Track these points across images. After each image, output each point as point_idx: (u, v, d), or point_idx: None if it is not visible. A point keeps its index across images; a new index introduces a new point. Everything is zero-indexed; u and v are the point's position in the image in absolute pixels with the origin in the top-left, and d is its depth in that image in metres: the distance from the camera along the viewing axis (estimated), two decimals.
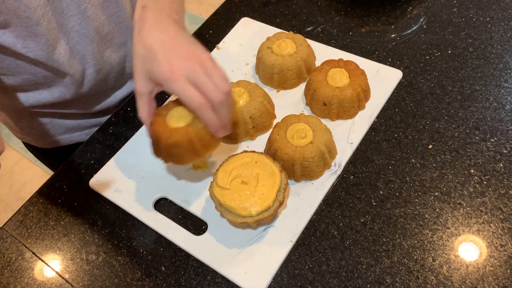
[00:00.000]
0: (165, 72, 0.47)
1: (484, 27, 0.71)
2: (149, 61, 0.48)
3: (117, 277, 0.54)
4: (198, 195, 0.58)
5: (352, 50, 0.71)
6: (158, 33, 0.49)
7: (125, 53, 0.70)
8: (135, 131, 0.67)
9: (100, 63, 0.67)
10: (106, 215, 0.59)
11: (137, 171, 0.62)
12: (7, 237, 0.60)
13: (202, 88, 0.47)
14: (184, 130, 0.50)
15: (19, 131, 0.77)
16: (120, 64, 0.71)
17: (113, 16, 0.65)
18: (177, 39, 0.49)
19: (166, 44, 0.48)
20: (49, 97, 0.67)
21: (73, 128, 0.76)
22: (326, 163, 0.57)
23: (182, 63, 0.47)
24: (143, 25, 0.50)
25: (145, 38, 0.49)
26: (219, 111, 0.48)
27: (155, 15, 0.51)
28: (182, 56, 0.47)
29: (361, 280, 0.50)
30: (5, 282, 0.56)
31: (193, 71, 0.47)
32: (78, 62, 0.64)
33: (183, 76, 0.46)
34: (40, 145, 0.79)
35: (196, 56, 0.48)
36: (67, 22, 0.60)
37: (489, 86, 0.64)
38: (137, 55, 0.50)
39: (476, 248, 0.50)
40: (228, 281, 0.52)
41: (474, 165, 0.57)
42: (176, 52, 0.48)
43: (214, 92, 0.47)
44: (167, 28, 0.50)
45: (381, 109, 0.64)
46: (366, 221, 0.54)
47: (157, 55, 0.47)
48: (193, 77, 0.47)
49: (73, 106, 0.72)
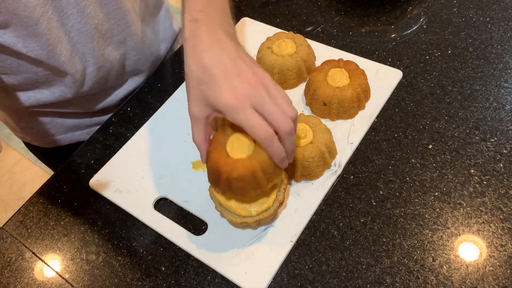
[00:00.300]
0: (229, 101, 0.42)
1: (484, 27, 0.71)
2: (209, 86, 0.44)
3: (117, 277, 0.54)
4: (198, 195, 0.58)
5: (352, 50, 0.71)
6: (217, 53, 0.45)
7: (125, 51, 0.70)
8: (135, 131, 0.67)
9: (101, 61, 0.67)
10: (106, 215, 0.59)
11: (137, 171, 0.62)
12: (7, 237, 0.60)
13: (270, 116, 0.43)
14: (248, 163, 0.46)
15: (19, 130, 0.77)
16: (121, 62, 0.71)
17: (112, 14, 0.64)
18: (238, 59, 0.45)
19: (228, 67, 0.44)
20: (50, 96, 0.67)
21: (74, 127, 0.76)
22: (326, 163, 0.57)
23: (247, 89, 0.43)
24: (197, 42, 0.46)
25: (202, 58, 0.45)
26: (286, 140, 0.45)
27: (209, 30, 0.47)
28: (246, 80, 0.43)
29: (361, 280, 0.50)
30: (5, 282, 0.56)
31: (259, 98, 0.43)
32: (79, 60, 0.64)
33: (249, 104, 0.43)
34: (41, 144, 0.79)
35: (259, 79, 0.44)
36: (66, 21, 0.60)
37: (489, 86, 0.64)
38: (192, 76, 0.46)
39: (476, 248, 0.50)
40: (228, 281, 0.52)
41: (474, 165, 0.57)
42: (240, 75, 0.44)
43: (282, 121, 0.43)
44: (226, 45, 0.46)
45: (381, 109, 0.64)
46: (366, 221, 0.54)
47: (219, 80, 0.43)
48: (260, 105, 0.43)
49: (74, 105, 0.72)
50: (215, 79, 0.44)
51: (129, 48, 0.70)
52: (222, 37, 0.46)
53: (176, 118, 0.67)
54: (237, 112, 0.43)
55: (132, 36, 0.69)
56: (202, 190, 0.58)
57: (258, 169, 0.46)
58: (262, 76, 0.45)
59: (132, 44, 0.70)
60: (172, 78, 0.74)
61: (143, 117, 0.69)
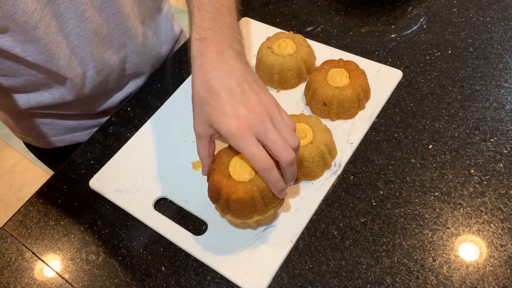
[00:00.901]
0: (232, 128, 0.43)
1: (484, 27, 0.71)
2: (213, 109, 0.44)
3: (117, 277, 0.54)
4: (198, 195, 0.58)
5: (352, 50, 0.71)
6: (224, 75, 0.45)
7: (125, 54, 0.70)
8: (135, 131, 0.67)
9: (100, 65, 0.67)
10: (106, 215, 0.59)
11: (137, 171, 0.62)
12: (7, 237, 0.60)
13: (271, 146, 0.43)
14: (248, 187, 0.47)
15: (19, 131, 0.77)
16: (120, 65, 0.70)
17: (111, 18, 0.64)
18: (245, 84, 0.45)
19: (234, 92, 0.44)
20: (50, 98, 0.67)
21: (73, 128, 0.76)
22: (326, 163, 0.57)
23: (251, 118, 0.43)
24: (205, 62, 0.46)
25: (209, 79, 0.45)
26: (287, 170, 0.45)
27: (217, 49, 0.46)
28: (251, 108, 0.43)
29: (361, 280, 0.50)
30: (5, 282, 0.56)
31: (262, 128, 0.43)
32: (78, 64, 0.64)
33: (252, 133, 0.43)
34: (41, 145, 0.79)
35: (264, 107, 0.44)
36: (65, 26, 0.60)
37: (489, 86, 0.64)
38: (198, 96, 0.46)
39: (476, 248, 0.50)
40: (228, 281, 0.52)
41: (474, 165, 0.57)
42: (245, 102, 0.44)
43: (284, 152, 0.43)
44: (233, 67, 0.46)
45: (381, 109, 0.64)
46: (366, 221, 0.54)
47: (224, 105, 0.43)
48: (262, 135, 0.43)
49: (74, 107, 0.72)
50: (220, 103, 0.44)
51: (129, 51, 0.70)
52: (230, 58, 0.46)
53: (176, 118, 0.67)
54: (239, 140, 0.43)
55: (132, 40, 0.69)
56: (202, 190, 0.58)
57: (258, 194, 0.48)
58: (267, 103, 0.45)
59: (132, 47, 0.70)
60: (172, 78, 0.74)
61: (143, 117, 0.69)
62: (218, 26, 0.49)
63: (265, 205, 0.49)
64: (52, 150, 0.79)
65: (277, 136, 0.44)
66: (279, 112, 0.45)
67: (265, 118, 0.44)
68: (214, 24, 0.49)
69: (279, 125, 0.45)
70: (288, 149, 0.44)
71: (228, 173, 0.49)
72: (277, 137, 0.44)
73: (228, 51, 0.47)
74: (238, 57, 0.47)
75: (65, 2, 0.58)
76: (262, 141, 0.44)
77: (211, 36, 0.48)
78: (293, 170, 0.46)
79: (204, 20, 0.49)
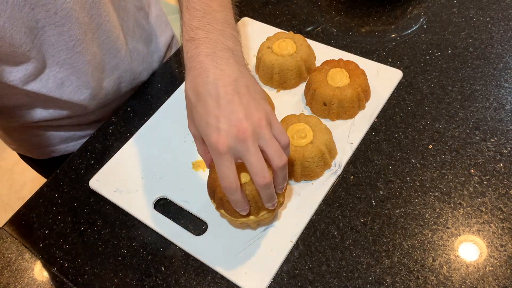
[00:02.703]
0: (212, 142, 0.42)
1: (484, 27, 0.71)
2: (199, 116, 0.43)
3: (117, 277, 0.54)
4: (198, 195, 0.58)
5: (352, 50, 0.71)
6: (212, 81, 0.43)
7: (119, 74, 0.68)
8: (135, 131, 0.67)
9: (96, 89, 0.65)
10: (106, 215, 0.59)
11: (137, 171, 0.62)
12: (7, 237, 0.60)
13: (248, 167, 0.43)
14: None
15: (12, 142, 0.76)
16: (115, 86, 0.69)
17: (103, 44, 0.62)
18: (234, 93, 0.42)
19: (221, 101, 0.42)
20: (44, 114, 0.66)
21: (68, 138, 0.75)
22: (326, 163, 0.57)
23: (232, 132, 0.41)
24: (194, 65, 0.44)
25: (196, 84, 0.43)
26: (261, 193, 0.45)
27: (207, 51, 0.44)
28: (234, 122, 0.41)
29: (361, 280, 0.50)
30: (5, 282, 0.56)
31: (242, 146, 0.41)
32: (72, 90, 0.63)
33: (228, 151, 0.42)
34: (35, 156, 0.77)
35: (252, 120, 0.42)
36: (59, 54, 0.58)
37: (489, 86, 0.64)
38: (187, 99, 0.45)
39: (476, 248, 0.50)
40: (228, 281, 0.52)
41: (474, 165, 0.57)
42: (230, 114, 0.42)
43: (257, 175, 0.42)
44: (224, 72, 0.43)
45: (381, 109, 0.64)
46: (366, 221, 0.54)
47: (208, 115, 0.42)
48: (240, 153, 0.42)
49: (68, 121, 0.71)
50: (205, 111, 0.43)
51: (122, 71, 0.69)
52: (222, 61, 0.44)
53: (176, 118, 0.67)
54: (215, 155, 0.43)
55: (123, 60, 0.67)
56: (202, 190, 0.58)
57: (250, 198, 0.48)
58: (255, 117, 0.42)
59: (125, 66, 0.68)
60: (172, 78, 0.74)
61: (143, 117, 0.69)
62: (209, 24, 0.46)
63: (258, 208, 0.49)
64: (46, 161, 0.78)
65: (254, 158, 0.42)
66: (268, 127, 0.43)
67: (248, 137, 0.41)
68: (203, 22, 0.46)
69: (265, 142, 0.43)
70: (264, 172, 0.42)
71: None
72: (254, 158, 0.42)
73: (220, 52, 0.45)
74: (232, 59, 0.45)
75: (54, 36, 0.56)
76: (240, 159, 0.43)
77: (200, 36, 0.45)
78: (269, 192, 0.45)
79: (193, 19, 0.47)
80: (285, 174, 0.46)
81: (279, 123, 0.45)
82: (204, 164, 0.61)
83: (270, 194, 0.46)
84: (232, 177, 0.43)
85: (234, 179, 0.43)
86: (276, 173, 0.45)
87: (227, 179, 0.43)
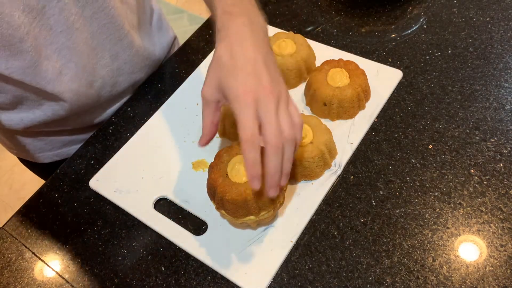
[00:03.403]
0: (238, 92, 0.43)
1: (484, 27, 0.71)
2: (228, 73, 0.44)
3: (117, 277, 0.54)
4: (198, 195, 0.58)
5: (352, 50, 0.71)
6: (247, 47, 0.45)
7: (118, 66, 0.68)
8: (135, 131, 0.67)
9: (92, 77, 0.65)
10: (106, 215, 0.59)
11: (137, 171, 0.62)
12: (7, 237, 0.60)
13: (264, 126, 0.42)
14: (243, 189, 0.48)
15: (13, 147, 0.76)
16: (113, 78, 0.68)
17: (103, 28, 0.62)
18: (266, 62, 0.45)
19: (255, 65, 0.44)
20: (42, 116, 0.65)
21: (70, 142, 0.75)
22: (326, 163, 0.57)
23: (260, 90, 0.43)
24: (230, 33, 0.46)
25: (232, 48, 0.45)
26: (269, 158, 0.43)
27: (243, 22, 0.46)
28: (264, 83, 0.43)
29: (361, 280, 0.50)
30: (5, 282, 0.56)
31: (266, 104, 0.42)
32: (69, 78, 0.62)
33: (254, 104, 0.42)
34: (36, 160, 0.77)
35: (277, 90, 0.44)
36: (56, 39, 0.58)
37: (489, 86, 0.64)
38: (217, 61, 0.46)
39: (476, 248, 0.50)
40: (228, 281, 0.52)
41: (474, 165, 0.57)
42: (260, 76, 0.44)
43: (271, 134, 0.42)
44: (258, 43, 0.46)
45: (381, 109, 0.64)
46: (366, 221, 0.54)
47: (239, 71, 0.44)
48: (263, 111, 0.42)
49: (70, 123, 0.70)
50: (235, 68, 0.44)
51: (122, 62, 0.68)
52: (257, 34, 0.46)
53: (176, 118, 0.67)
54: (239, 104, 0.43)
55: (125, 50, 0.67)
56: (202, 190, 0.58)
57: (251, 198, 0.48)
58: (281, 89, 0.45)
59: (125, 57, 0.68)
60: (172, 78, 0.74)
61: (143, 117, 0.69)
62: (241, 3, 0.48)
63: (258, 209, 0.49)
64: (47, 165, 0.77)
65: (274, 120, 0.42)
66: (286, 103, 0.45)
67: (272, 99, 0.43)
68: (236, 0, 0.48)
69: (281, 113, 0.43)
70: (278, 136, 0.42)
71: (225, 173, 0.50)
72: (273, 120, 0.42)
73: (255, 26, 0.47)
74: (263, 36, 0.47)
75: (54, 15, 0.56)
76: (259, 116, 0.43)
77: (236, 11, 0.47)
78: (276, 163, 0.43)
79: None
80: (290, 152, 0.45)
81: (295, 104, 0.46)
82: (204, 164, 0.61)
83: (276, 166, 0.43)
84: (255, 128, 0.42)
85: (256, 131, 0.42)
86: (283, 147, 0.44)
87: (249, 130, 0.42)
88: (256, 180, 0.43)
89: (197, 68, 0.73)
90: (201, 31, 0.80)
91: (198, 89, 0.70)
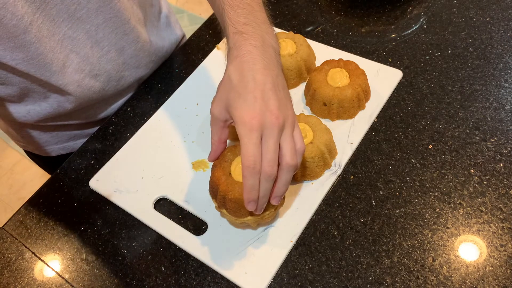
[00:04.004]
0: (245, 116, 0.44)
1: (484, 27, 0.71)
2: (236, 94, 0.45)
3: (117, 277, 0.54)
4: (198, 195, 0.58)
5: (352, 50, 0.71)
6: (258, 69, 0.46)
7: (124, 60, 0.68)
8: (135, 131, 0.67)
9: (96, 69, 0.65)
10: (106, 215, 0.59)
11: (137, 171, 0.62)
12: (7, 237, 0.60)
13: (264, 153, 0.44)
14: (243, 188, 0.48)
15: (20, 139, 0.76)
16: (119, 73, 0.69)
17: (108, 21, 0.63)
18: (275, 85, 0.46)
19: (263, 89, 0.45)
20: (48, 108, 0.66)
21: (75, 136, 0.75)
22: (326, 163, 0.57)
23: (267, 117, 0.44)
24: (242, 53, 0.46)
25: (243, 69, 0.46)
26: (260, 183, 0.45)
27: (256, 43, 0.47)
28: (270, 107, 0.44)
29: (361, 280, 0.50)
30: (5, 282, 0.56)
31: (270, 130, 0.44)
32: (73, 70, 0.62)
33: (259, 129, 0.44)
34: (43, 153, 0.78)
35: (284, 115, 0.45)
36: (58, 30, 0.58)
37: (489, 86, 0.64)
38: (227, 80, 0.47)
39: (476, 248, 0.50)
40: (228, 281, 0.52)
41: (474, 165, 0.57)
42: (268, 102, 0.44)
43: (268, 162, 0.44)
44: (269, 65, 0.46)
45: (381, 109, 0.64)
46: (366, 221, 0.54)
47: (248, 94, 0.44)
48: (265, 136, 0.44)
49: (75, 117, 0.71)
50: (245, 91, 0.45)
51: (128, 56, 0.69)
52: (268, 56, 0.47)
53: (176, 118, 0.67)
54: (244, 128, 0.44)
55: (130, 44, 0.67)
56: (202, 190, 0.58)
57: None
58: (287, 114, 0.46)
59: (131, 52, 0.68)
60: (172, 78, 0.74)
61: (143, 117, 0.69)
62: (254, 22, 0.49)
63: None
64: (53, 158, 0.78)
65: (272, 148, 0.44)
66: (292, 128, 0.46)
67: (276, 125, 0.44)
68: (249, 19, 0.49)
69: (285, 138, 0.45)
70: (274, 165, 0.44)
71: (228, 171, 0.50)
72: (272, 148, 0.44)
73: (267, 47, 0.47)
74: (274, 57, 0.48)
75: (57, 5, 0.56)
76: (262, 143, 0.44)
77: (249, 31, 0.48)
78: (267, 187, 0.45)
79: (239, 15, 0.49)
80: (288, 178, 0.46)
81: (300, 129, 0.47)
82: (204, 164, 0.61)
83: (266, 189, 0.46)
84: (257, 156, 0.43)
85: (259, 159, 0.44)
86: (282, 172, 0.46)
87: (252, 157, 0.43)
88: (253, 203, 0.46)
89: (197, 68, 0.73)
90: (201, 31, 0.80)
91: (198, 89, 0.71)
